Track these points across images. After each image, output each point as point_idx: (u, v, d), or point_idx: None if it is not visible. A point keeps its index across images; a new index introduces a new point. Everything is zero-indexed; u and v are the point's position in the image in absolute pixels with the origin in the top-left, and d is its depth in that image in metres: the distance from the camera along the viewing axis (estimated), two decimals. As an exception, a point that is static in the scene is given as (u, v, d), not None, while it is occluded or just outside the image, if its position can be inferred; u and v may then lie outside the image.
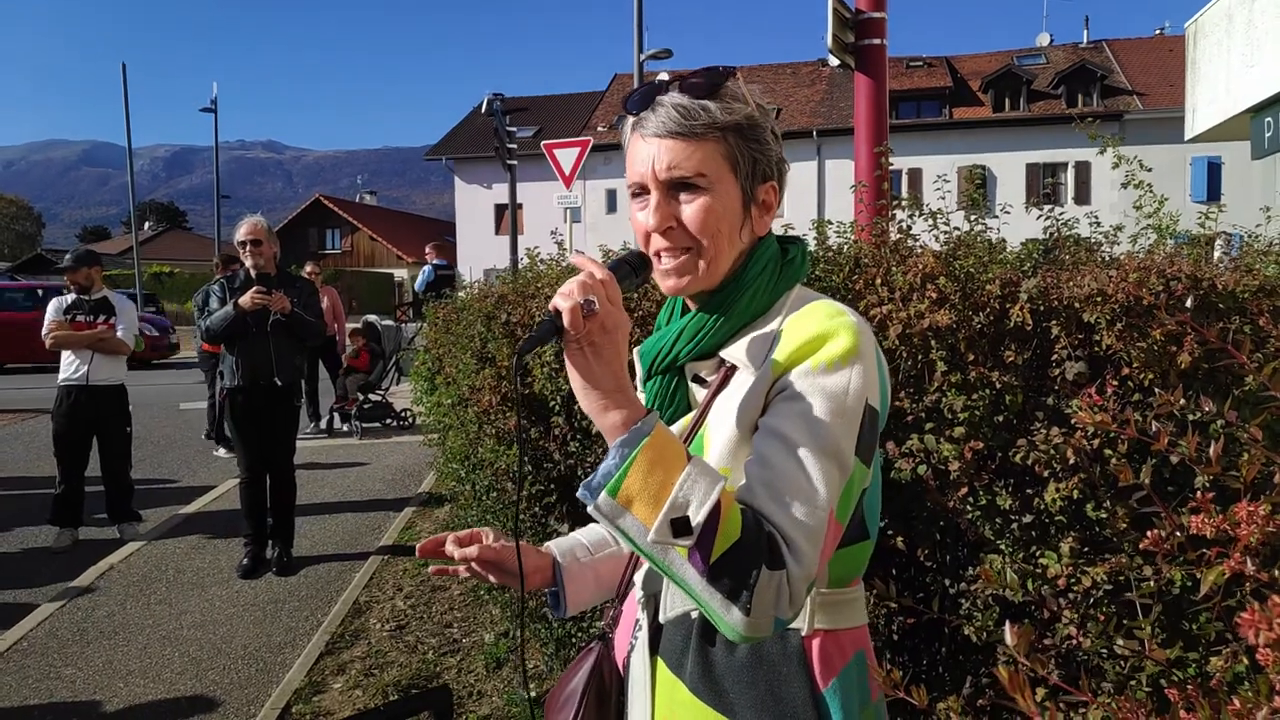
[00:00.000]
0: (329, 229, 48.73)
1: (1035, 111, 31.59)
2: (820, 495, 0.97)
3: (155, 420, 10.56)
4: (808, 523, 0.95)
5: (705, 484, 0.94)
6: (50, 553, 5.58)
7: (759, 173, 1.16)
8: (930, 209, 2.87)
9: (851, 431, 1.02)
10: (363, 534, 5.98)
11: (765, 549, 0.93)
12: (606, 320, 1.00)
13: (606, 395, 1.00)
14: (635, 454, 0.96)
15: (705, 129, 1.10)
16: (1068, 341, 2.23)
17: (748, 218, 1.16)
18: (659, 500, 0.94)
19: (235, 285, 5.08)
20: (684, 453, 0.98)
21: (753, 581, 0.91)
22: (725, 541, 0.92)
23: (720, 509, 0.93)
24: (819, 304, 1.11)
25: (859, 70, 5.18)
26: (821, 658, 1.10)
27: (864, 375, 1.04)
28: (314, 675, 3.77)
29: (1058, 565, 2.07)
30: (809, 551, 0.94)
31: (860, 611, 1.18)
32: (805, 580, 0.94)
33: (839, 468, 1.00)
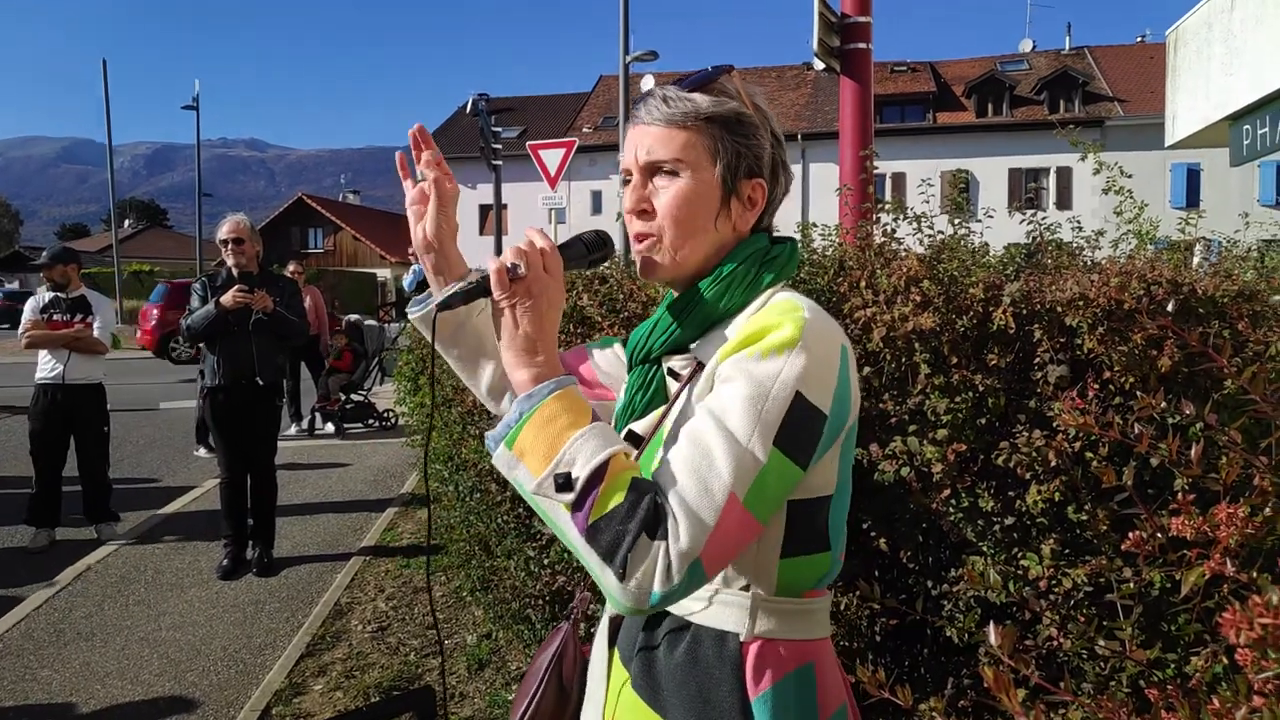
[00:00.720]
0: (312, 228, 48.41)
1: (1018, 117, 31.84)
2: (720, 477, 0.96)
3: (134, 420, 10.45)
4: (699, 500, 0.95)
5: (594, 445, 0.98)
6: (27, 553, 5.51)
7: (743, 167, 1.15)
8: (914, 212, 2.89)
9: (772, 420, 0.99)
10: (344, 535, 5.94)
11: (648, 517, 0.94)
12: (532, 286, 1.05)
13: (520, 354, 1.05)
14: (533, 410, 1.01)
15: (685, 117, 1.13)
16: (1050, 345, 2.25)
17: (725, 210, 1.16)
18: (549, 457, 0.98)
19: (217, 284, 5.03)
20: (587, 418, 1.01)
21: (629, 546, 0.93)
22: (605, 503, 0.95)
23: (606, 471, 0.96)
24: (783, 299, 1.11)
25: (844, 74, 5.20)
26: (756, 665, 1.08)
27: (802, 367, 1.01)
28: (294, 677, 3.75)
29: (1039, 567, 2.09)
30: (693, 528, 0.94)
31: (816, 625, 1.14)
32: (687, 558, 0.93)
33: (750, 455, 0.98)
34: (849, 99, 5.19)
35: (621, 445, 1.00)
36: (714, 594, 1.10)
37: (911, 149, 30.28)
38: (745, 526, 0.98)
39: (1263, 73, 7.30)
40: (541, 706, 1.32)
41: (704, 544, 0.94)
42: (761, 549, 1.08)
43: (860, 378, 2.33)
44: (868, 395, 2.39)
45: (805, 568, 1.11)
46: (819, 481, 1.09)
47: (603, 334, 2.85)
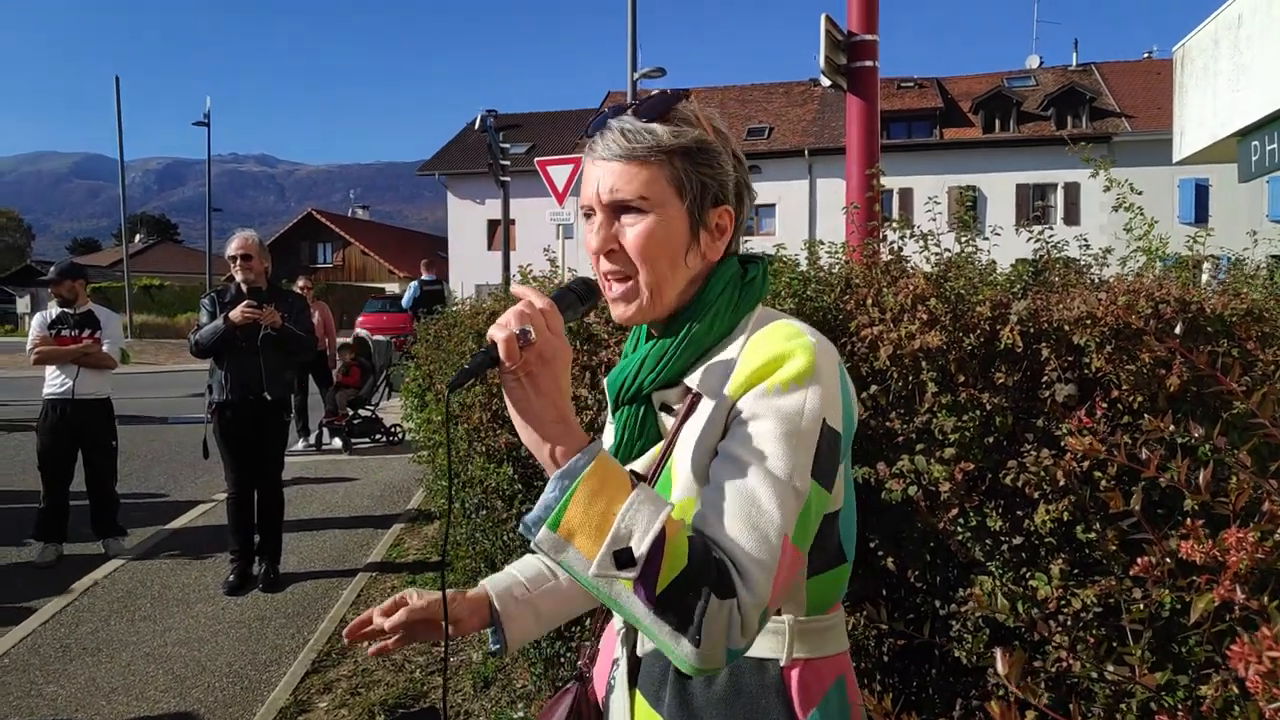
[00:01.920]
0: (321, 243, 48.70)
1: (1025, 133, 31.84)
2: (774, 521, 0.95)
3: (142, 435, 10.48)
4: (759, 549, 0.93)
5: (648, 513, 0.92)
6: (34, 567, 5.52)
7: (709, 197, 1.13)
8: (921, 230, 2.89)
9: (807, 454, 1.00)
10: (351, 551, 5.94)
11: (714, 577, 0.91)
12: (544, 350, 0.98)
13: (544, 426, 0.98)
14: (575, 486, 0.94)
15: (648, 152, 1.09)
16: (1058, 364, 2.24)
17: (695, 243, 1.13)
18: (601, 532, 0.92)
19: (226, 300, 5.05)
20: (628, 482, 0.95)
21: (701, 612, 0.89)
22: (671, 572, 0.90)
23: (665, 538, 0.91)
24: (778, 325, 1.10)
25: (851, 92, 5.22)
26: (801, 688, 1.09)
27: (821, 395, 1.02)
28: (300, 694, 3.73)
29: (1048, 587, 2.07)
30: (761, 579, 0.92)
31: (840, 637, 1.16)
32: (758, 609, 0.92)
33: (794, 492, 0.97)
34: (856, 116, 5.20)
35: (668, 504, 0.95)
36: None
37: (919, 164, 30.32)
38: (796, 562, 0.99)
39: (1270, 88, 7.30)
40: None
41: (771, 593, 0.93)
42: None
43: (867, 396, 2.34)
44: (875, 414, 2.38)
45: (830, 583, 1.13)
46: (835, 497, 1.10)
47: (608, 350, 2.85)
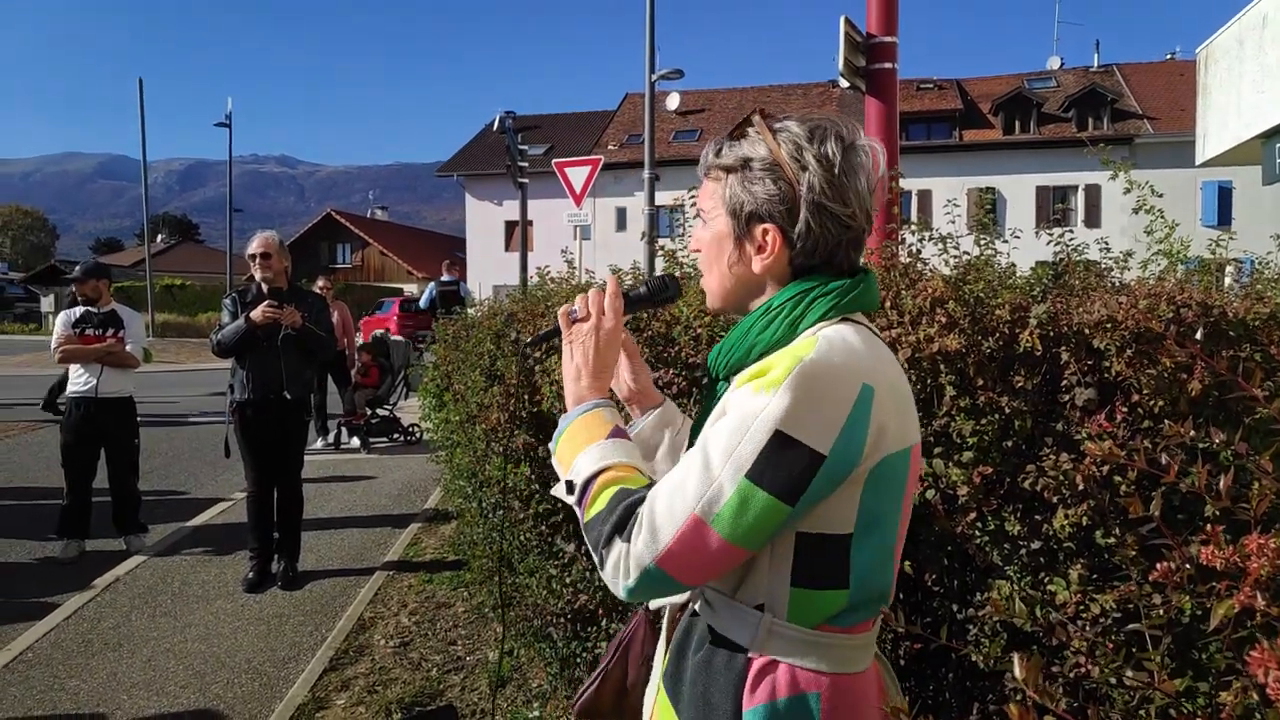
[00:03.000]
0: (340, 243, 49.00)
1: (1045, 134, 31.62)
2: (685, 498, 1.07)
3: (164, 433, 10.59)
4: (661, 515, 1.08)
5: (593, 460, 1.18)
6: (57, 563, 5.59)
7: (746, 213, 1.21)
8: (940, 232, 2.88)
9: (746, 454, 1.06)
10: (368, 549, 5.97)
11: (620, 521, 1.10)
12: (587, 323, 1.32)
13: (570, 381, 1.32)
14: (565, 427, 1.26)
15: (707, 169, 1.27)
16: (1077, 367, 2.22)
17: (739, 252, 1.24)
18: (565, 464, 1.23)
19: (247, 299, 5.10)
20: (603, 435, 1.21)
21: (603, 543, 1.11)
22: (592, 509, 1.15)
23: (596, 480, 1.16)
24: (812, 337, 1.14)
25: (870, 94, 5.21)
26: (755, 681, 1.14)
27: (785, 407, 1.05)
28: (318, 691, 3.76)
29: (1066, 592, 2.06)
30: (647, 539, 1.07)
31: (834, 660, 1.15)
32: (639, 562, 1.08)
33: (719, 480, 1.06)
34: (874, 118, 5.19)
35: (620, 459, 1.18)
36: (732, 606, 1.18)
37: (937, 166, 30.18)
38: (716, 546, 1.07)
39: (1296, 91, 7.22)
40: (604, 687, 1.48)
41: (658, 555, 1.07)
42: (774, 574, 1.14)
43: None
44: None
45: (817, 601, 1.14)
46: (830, 518, 1.12)
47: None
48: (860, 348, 1.13)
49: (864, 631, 1.19)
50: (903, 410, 1.16)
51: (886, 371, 1.15)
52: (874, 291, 1.25)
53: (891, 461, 1.12)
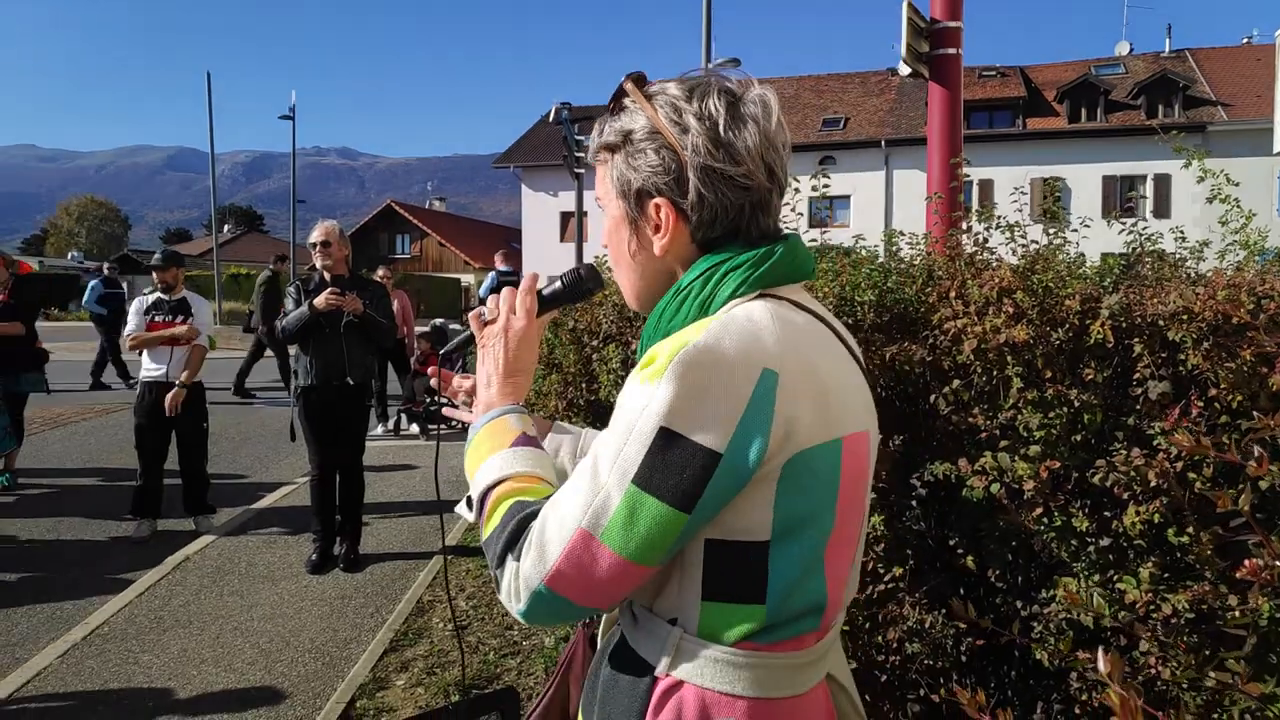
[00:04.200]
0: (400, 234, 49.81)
1: (1113, 122, 30.69)
2: (572, 511, 0.97)
3: (231, 417, 10.88)
4: (549, 531, 0.98)
5: (494, 471, 1.09)
6: (131, 542, 5.80)
7: (634, 189, 1.09)
8: (1006, 220, 2.81)
9: (631, 457, 0.95)
10: (427, 534, 6.07)
11: (511, 539, 1.01)
12: (495, 326, 1.24)
13: (480, 388, 1.23)
14: (471, 438, 1.17)
15: (595, 152, 1.15)
16: (1151, 360, 2.16)
17: (635, 236, 1.12)
18: (470, 475, 1.13)
19: (310, 287, 5.21)
20: (504, 444, 1.12)
21: (495, 562, 1.03)
22: (488, 525, 1.06)
23: (491, 494, 1.08)
24: (715, 319, 1.01)
25: (933, 80, 5.11)
26: (659, 703, 1.02)
27: (667, 400, 0.93)
28: (378, 671, 3.85)
29: (1137, 591, 2.01)
30: (534, 558, 0.98)
31: (752, 682, 1.00)
32: (528, 584, 0.98)
33: (605, 489, 0.96)
34: (938, 105, 5.09)
35: (519, 469, 1.09)
36: (648, 620, 1.06)
37: (1000, 155, 29.49)
38: (610, 562, 0.96)
39: (1385, 74, 6.90)
40: (550, 710, 1.40)
41: (547, 574, 0.97)
42: (683, 586, 1.02)
43: (949, 391, 2.29)
44: (957, 409, 2.33)
45: (730, 616, 1.00)
46: (743, 524, 0.98)
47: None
48: (767, 327, 0.98)
49: (796, 650, 1.03)
50: (825, 397, 0.99)
51: (802, 354, 0.99)
52: (798, 259, 1.09)
53: (810, 457, 0.97)
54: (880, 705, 2.39)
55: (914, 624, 2.26)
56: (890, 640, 2.28)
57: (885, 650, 2.34)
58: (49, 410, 10.94)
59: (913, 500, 2.50)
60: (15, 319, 6.87)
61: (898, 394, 2.59)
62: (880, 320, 2.57)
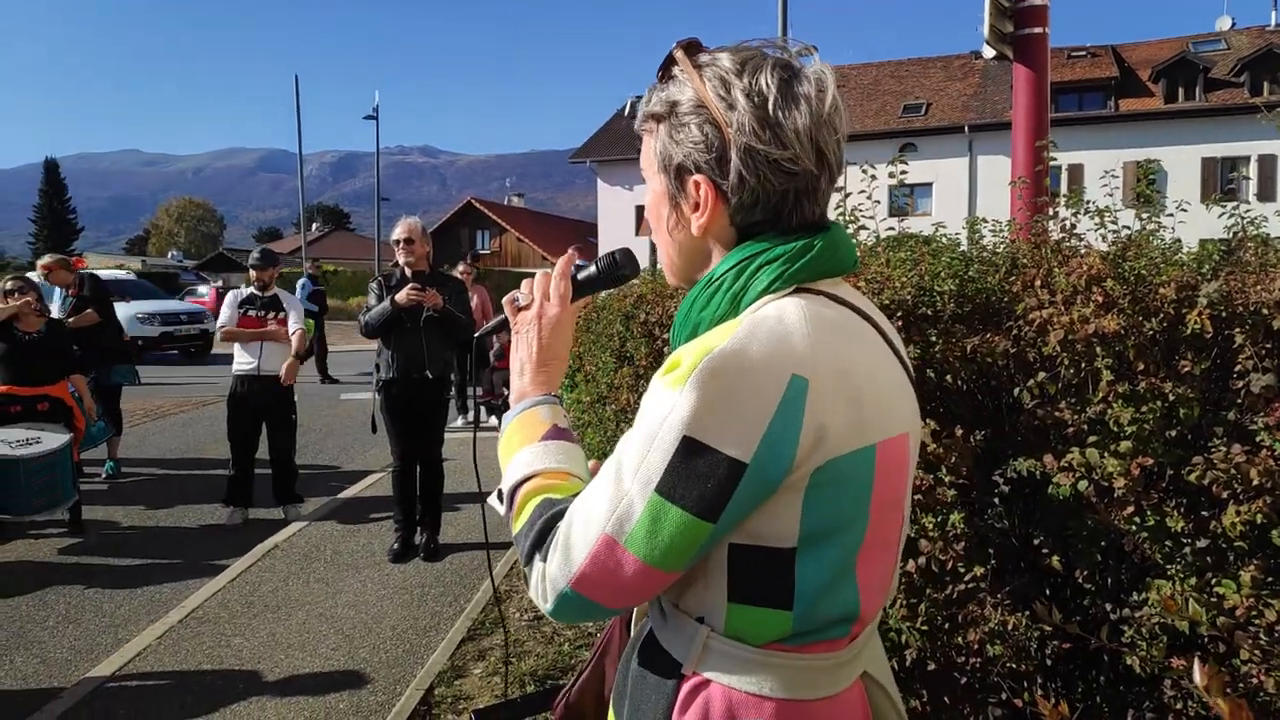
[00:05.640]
0: (479, 230, 50.66)
1: (1213, 101, 29.19)
2: (597, 516, 0.95)
3: (318, 410, 11.24)
4: (575, 534, 0.97)
5: (524, 465, 1.09)
6: (224, 529, 6.04)
7: (675, 165, 1.04)
8: (1096, 205, 2.69)
9: (654, 465, 0.91)
10: (504, 524, 6.15)
11: (539, 538, 1.01)
12: (531, 312, 1.21)
13: (514, 376, 1.21)
14: (504, 429, 1.16)
15: (641, 121, 1.09)
16: (1253, 351, 2.04)
17: (675, 214, 1.07)
18: (503, 468, 1.13)
19: (392, 283, 5.33)
20: (538, 435, 1.11)
21: (524, 560, 1.03)
22: (517, 521, 1.05)
23: (520, 490, 1.07)
24: (745, 318, 0.96)
25: (1018, 61, 4.92)
26: (686, 701, 0.99)
27: (690, 408, 0.90)
28: (456, 659, 3.92)
29: (1237, 596, 1.90)
30: (560, 560, 0.97)
31: (787, 681, 0.98)
32: (554, 585, 0.98)
33: (629, 495, 0.93)
34: (1023, 87, 4.90)
35: (549, 465, 1.08)
36: (676, 617, 1.04)
37: (1090, 139, 28.33)
38: (634, 568, 0.94)
39: None
40: (584, 693, 1.34)
41: (572, 577, 0.96)
42: (709, 586, 0.99)
43: (1034, 384, 2.20)
44: (1043, 403, 2.24)
45: (755, 619, 0.98)
46: (766, 531, 0.95)
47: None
48: (798, 328, 0.93)
49: (831, 650, 1.00)
50: (859, 401, 0.94)
51: (836, 356, 0.94)
52: (839, 252, 1.03)
53: (841, 464, 0.93)
54: (960, 708, 2.32)
55: (996, 625, 2.19)
56: (971, 642, 2.21)
57: (965, 652, 2.27)
58: (149, 403, 11.48)
59: (995, 498, 2.41)
60: (93, 310, 7.24)
61: (979, 387, 2.50)
62: (961, 310, 2.49)
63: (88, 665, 3.96)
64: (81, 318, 7.13)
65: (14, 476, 5.17)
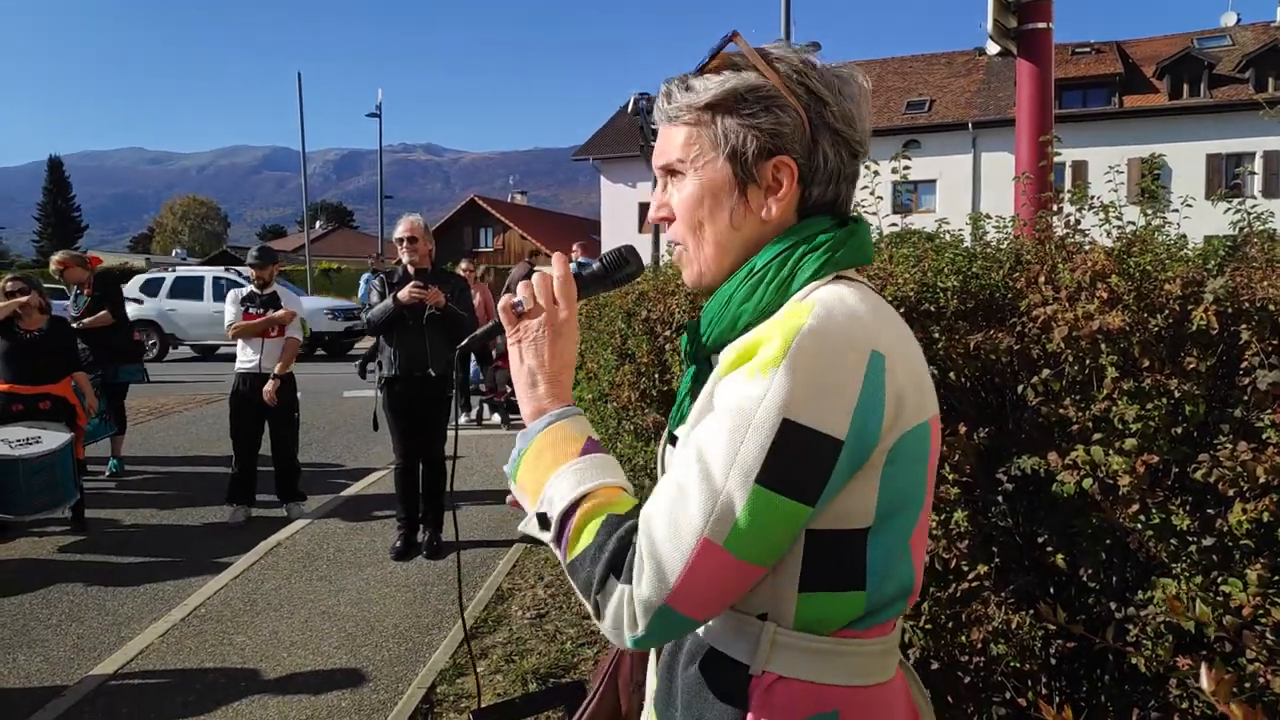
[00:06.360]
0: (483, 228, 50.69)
1: (1218, 98, 29.09)
2: (691, 520, 0.90)
3: (321, 407, 11.23)
4: (665, 546, 0.90)
5: (570, 483, 0.99)
6: (227, 527, 6.04)
7: (754, 148, 1.02)
8: (1099, 201, 2.67)
9: (755, 453, 0.89)
10: (507, 522, 6.16)
11: (617, 561, 0.93)
12: (535, 318, 1.11)
13: (523, 388, 1.11)
14: (526, 447, 1.06)
15: (681, 111, 1.06)
16: (1260, 347, 2.02)
17: (744, 201, 1.05)
18: (534, 492, 1.03)
19: (394, 281, 5.33)
20: (572, 452, 1.02)
21: (596, 588, 0.94)
22: (576, 545, 0.97)
23: (576, 510, 0.97)
24: (808, 299, 0.97)
25: (1022, 56, 4.90)
26: (762, 703, 0.97)
27: (788, 390, 0.89)
28: (458, 658, 3.91)
29: (1243, 594, 1.88)
30: (655, 577, 0.90)
31: (850, 670, 0.99)
32: (649, 605, 0.90)
33: (725, 493, 0.90)
34: (1027, 83, 4.88)
35: (601, 481, 1.00)
36: (729, 616, 1.01)
37: (1094, 135, 28.24)
38: (733, 570, 0.91)
39: None
40: (596, 714, 1.30)
41: (670, 591, 0.90)
42: (777, 579, 0.98)
43: (1039, 381, 2.19)
44: (1047, 400, 2.23)
45: (829, 605, 0.98)
46: (847, 511, 0.96)
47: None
48: (863, 309, 0.95)
49: (884, 635, 1.03)
50: (919, 378, 0.99)
51: (898, 334, 0.98)
52: (868, 243, 1.08)
53: (911, 438, 0.96)
54: (964, 707, 2.30)
55: (1000, 624, 2.17)
56: (974, 640, 2.19)
57: (969, 651, 2.26)
58: (153, 400, 11.49)
59: (999, 495, 2.40)
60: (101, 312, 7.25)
61: (983, 384, 2.48)
62: (964, 307, 2.47)
63: (90, 663, 3.96)
64: (96, 319, 7.15)
65: (14, 476, 5.17)
